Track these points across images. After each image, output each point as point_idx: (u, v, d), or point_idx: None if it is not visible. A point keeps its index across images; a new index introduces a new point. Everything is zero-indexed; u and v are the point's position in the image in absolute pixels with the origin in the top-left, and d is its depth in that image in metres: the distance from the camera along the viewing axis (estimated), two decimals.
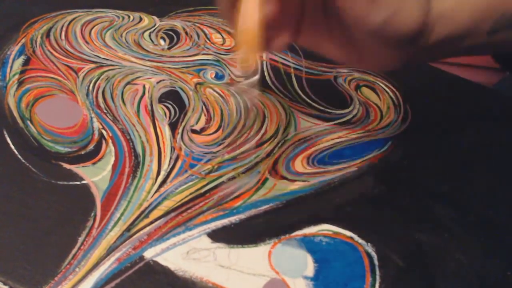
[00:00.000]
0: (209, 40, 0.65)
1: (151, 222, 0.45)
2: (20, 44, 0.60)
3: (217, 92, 0.58)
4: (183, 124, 0.54)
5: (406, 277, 0.45)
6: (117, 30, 0.64)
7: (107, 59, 0.60)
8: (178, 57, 0.62)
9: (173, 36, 0.65)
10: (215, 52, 0.64)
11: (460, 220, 0.50)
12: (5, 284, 0.40)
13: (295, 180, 0.51)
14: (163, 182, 0.49)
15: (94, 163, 0.49)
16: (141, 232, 0.45)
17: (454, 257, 0.47)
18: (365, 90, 0.62)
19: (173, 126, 0.54)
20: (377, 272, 0.45)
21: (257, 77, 0.41)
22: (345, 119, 0.58)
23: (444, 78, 0.67)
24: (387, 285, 0.44)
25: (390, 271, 0.45)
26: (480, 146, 0.58)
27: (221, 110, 0.56)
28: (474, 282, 0.46)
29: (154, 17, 0.68)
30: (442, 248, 0.48)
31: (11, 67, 0.57)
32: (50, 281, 0.41)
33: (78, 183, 0.48)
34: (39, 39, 0.61)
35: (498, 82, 0.91)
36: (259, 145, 0.54)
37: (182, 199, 0.47)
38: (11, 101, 0.54)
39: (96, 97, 0.55)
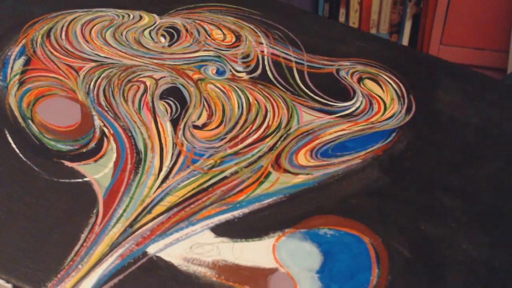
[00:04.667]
0: (210, 37, 0.65)
1: (154, 218, 0.45)
2: (20, 44, 0.60)
3: (218, 88, 0.58)
4: (184, 120, 0.54)
5: (413, 267, 0.44)
6: (117, 29, 0.64)
7: (108, 58, 0.60)
8: (179, 53, 0.62)
9: (173, 33, 0.65)
10: (215, 48, 0.63)
11: (467, 210, 0.49)
12: (8, 282, 0.40)
13: (298, 174, 0.50)
14: (166, 178, 0.48)
15: (95, 161, 0.49)
16: (144, 228, 0.44)
17: (461, 247, 0.46)
18: (368, 82, 0.61)
19: (174, 122, 0.53)
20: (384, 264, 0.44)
21: None
22: (348, 111, 0.58)
23: (448, 68, 0.66)
24: (394, 276, 0.43)
25: (397, 262, 0.44)
26: (485, 136, 0.58)
27: (223, 106, 0.56)
28: (482, 271, 0.45)
29: (154, 15, 0.67)
30: (449, 238, 0.47)
31: (12, 67, 0.57)
32: (53, 278, 0.40)
33: (80, 180, 0.47)
34: (39, 40, 0.61)
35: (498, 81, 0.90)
36: (262, 139, 0.53)
37: (184, 195, 0.47)
38: (12, 101, 0.54)
39: (97, 94, 0.55)
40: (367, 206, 0.49)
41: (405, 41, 1.52)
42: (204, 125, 0.54)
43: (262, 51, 0.63)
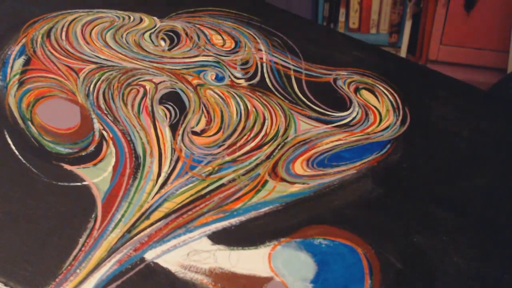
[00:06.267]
0: (209, 42, 0.65)
1: (152, 224, 0.46)
2: (20, 44, 0.60)
3: (217, 94, 0.59)
4: (183, 125, 0.54)
5: (405, 279, 0.45)
6: (117, 31, 0.64)
7: (108, 60, 0.60)
8: (179, 58, 0.62)
9: (173, 37, 0.65)
10: (215, 53, 0.64)
11: (458, 223, 0.51)
12: (6, 285, 0.41)
13: (294, 183, 0.51)
14: (164, 183, 0.49)
15: (95, 164, 0.49)
16: (142, 233, 0.45)
17: (452, 259, 0.47)
18: (364, 92, 0.62)
19: (173, 128, 0.54)
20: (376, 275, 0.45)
21: None
22: (344, 121, 0.58)
23: (442, 81, 0.68)
24: (386, 287, 0.44)
25: (389, 273, 0.45)
26: (478, 149, 0.59)
27: (222, 112, 0.57)
28: (472, 284, 0.46)
29: (155, 18, 0.68)
30: (441, 251, 0.48)
31: (12, 67, 0.57)
32: (51, 283, 0.41)
33: (78, 184, 0.48)
34: (39, 39, 0.61)
35: (498, 82, 0.91)
36: (259, 146, 0.54)
37: (182, 201, 0.48)
38: (11, 102, 0.54)
39: (97, 97, 0.56)
40: (361, 217, 0.50)
41: (405, 41, 1.53)
42: (203, 131, 0.54)
43: (261, 58, 0.64)
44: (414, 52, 1.53)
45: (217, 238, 0.46)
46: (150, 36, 0.64)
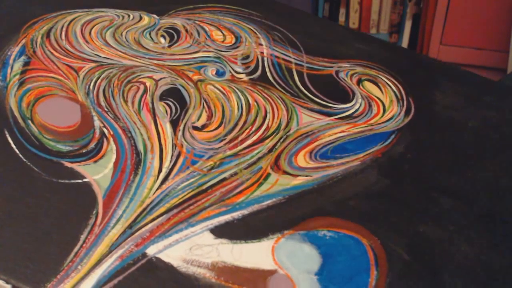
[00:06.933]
0: (210, 38, 0.65)
1: (153, 219, 0.45)
2: (20, 44, 0.60)
3: (218, 89, 0.58)
4: (184, 121, 0.54)
5: (412, 270, 0.45)
6: (117, 29, 0.64)
7: (108, 58, 0.60)
8: (179, 54, 0.62)
9: (173, 34, 0.65)
10: (215, 49, 0.64)
11: (465, 213, 0.50)
12: (7, 282, 0.40)
13: (297, 175, 0.50)
14: (165, 179, 0.48)
15: (95, 161, 0.49)
16: (143, 229, 0.44)
17: (459, 249, 0.47)
18: (367, 84, 0.62)
19: (174, 123, 0.54)
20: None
21: None
22: (347, 113, 0.58)
23: (447, 71, 0.67)
24: (393, 278, 0.44)
25: (396, 264, 0.45)
26: (483, 139, 0.58)
27: (222, 107, 0.56)
28: (480, 274, 0.45)
29: (154, 15, 0.67)
30: (448, 241, 0.47)
31: (12, 67, 0.57)
32: (53, 279, 0.40)
33: (79, 181, 0.47)
34: (39, 40, 0.61)
35: (498, 82, 0.90)
36: (261, 140, 0.53)
37: (184, 196, 0.47)
38: (12, 101, 0.54)
39: (97, 95, 0.55)
40: (366, 208, 0.49)
41: (405, 41, 1.52)
42: (204, 126, 0.54)
43: (262, 52, 0.64)
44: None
45: (220, 232, 0.45)
46: (149, 34, 0.64)
